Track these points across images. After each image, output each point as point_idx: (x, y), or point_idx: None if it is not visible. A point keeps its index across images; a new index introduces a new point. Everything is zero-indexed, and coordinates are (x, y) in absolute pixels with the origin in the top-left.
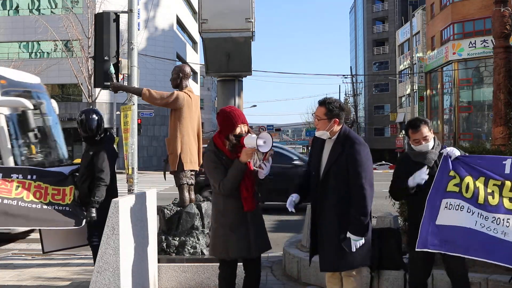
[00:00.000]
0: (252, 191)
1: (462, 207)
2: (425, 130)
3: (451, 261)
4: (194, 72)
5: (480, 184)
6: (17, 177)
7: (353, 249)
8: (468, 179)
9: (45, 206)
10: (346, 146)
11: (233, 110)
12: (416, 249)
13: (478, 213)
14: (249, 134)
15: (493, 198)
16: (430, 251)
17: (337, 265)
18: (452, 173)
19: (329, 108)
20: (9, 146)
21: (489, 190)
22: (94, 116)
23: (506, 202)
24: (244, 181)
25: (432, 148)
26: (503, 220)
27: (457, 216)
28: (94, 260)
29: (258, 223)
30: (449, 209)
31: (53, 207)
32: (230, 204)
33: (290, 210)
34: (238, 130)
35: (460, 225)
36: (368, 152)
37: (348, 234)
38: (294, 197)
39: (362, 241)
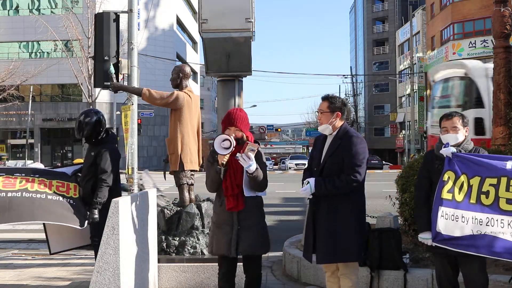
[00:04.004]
0: (236, 191)
1: (457, 217)
2: (457, 121)
3: (465, 267)
4: (194, 72)
5: (474, 183)
6: (20, 175)
7: (301, 188)
8: (463, 178)
9: (49, 197)
10: (344, 139)
11: (232, 113)
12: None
13: (472, 218)
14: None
15: (487, 197)
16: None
17: (331, 258)
18: (446, 176)
19: (331, 101)
20: None
21: (483, 190)
22: (95, 117)
23: (502, 202)
24: (225, 181)
25: (459, 145)
26: (497, 221)
27: (452, 227)
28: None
29: (247, 224)
30: (445, 218)
31: (57, 198)
32: (219, 203)
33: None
34: (226, 132)
35: (457, 235)
36: (364, 147)
37: (312, 180)
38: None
39: (310, 194)
